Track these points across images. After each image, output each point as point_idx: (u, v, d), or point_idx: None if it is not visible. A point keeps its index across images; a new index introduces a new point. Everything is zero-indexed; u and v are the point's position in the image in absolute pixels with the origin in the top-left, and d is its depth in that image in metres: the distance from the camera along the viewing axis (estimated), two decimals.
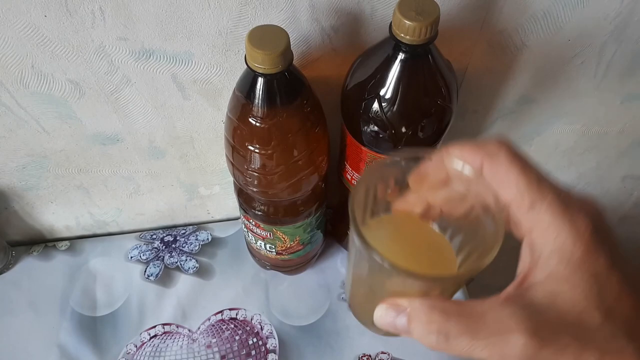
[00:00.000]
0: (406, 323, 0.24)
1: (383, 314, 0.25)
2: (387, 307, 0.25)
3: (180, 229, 0.64)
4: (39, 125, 0.47)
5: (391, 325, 0.25)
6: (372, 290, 0.29)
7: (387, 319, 0.25)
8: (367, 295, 0.31)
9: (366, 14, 0.42)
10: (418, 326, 0.23)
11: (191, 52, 0.42)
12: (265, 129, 0.38)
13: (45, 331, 0.56)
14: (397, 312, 0.24)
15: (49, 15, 0.38)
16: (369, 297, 0.30)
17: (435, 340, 0.22)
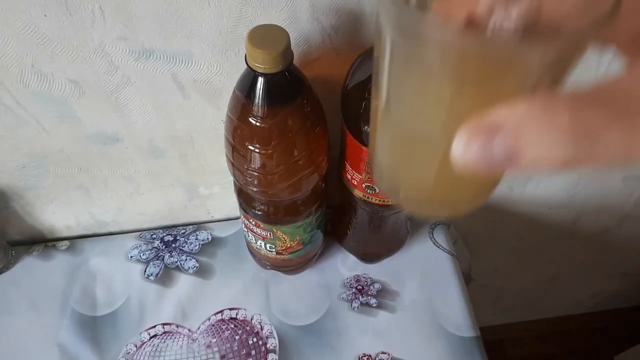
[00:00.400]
0: (511, 141, 0.15)
1: (466, 145, 0.16)
2: (471, 131, 0.16)
3: (180, 229, 0.64)
4: (39, 124, 0.47)
5: (484, 158, 0.16)
6: (420, 123, 0.20)
7: (474, 150, 0.16)
8: (412, 140, 0.21)
9: (366, 13, 0.42)
10: (536, 137, 0.15)
11: (191, 51, 0.42)
12: (265, 128, 0.38)
13: (45, 331, 0.56)
14: (490, 133, 0.16)
15: (48, 14, 0.38)
16: (416, 140, 0.21)
17: (573, 148, 0.15)
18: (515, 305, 1.17)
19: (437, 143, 0.20)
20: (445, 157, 0.18)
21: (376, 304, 0.57)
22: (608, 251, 0.94)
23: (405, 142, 0.22)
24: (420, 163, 0.22)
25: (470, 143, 0.16)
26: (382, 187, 0.26)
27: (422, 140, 0.21)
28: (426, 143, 0.21)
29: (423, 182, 0.23)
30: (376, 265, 0.60)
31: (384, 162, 0.24)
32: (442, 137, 0.19)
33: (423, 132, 0.20)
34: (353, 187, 0.48)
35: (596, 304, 1.24)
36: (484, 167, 0.16)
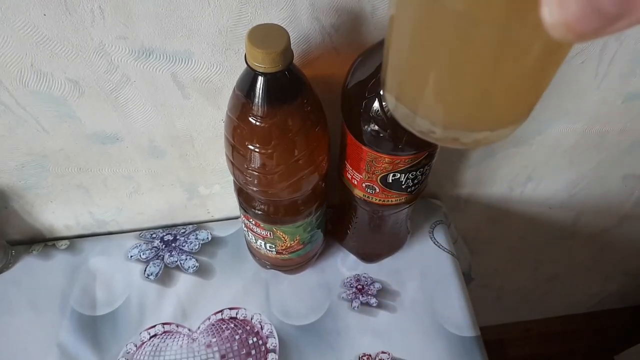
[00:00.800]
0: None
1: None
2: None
3: (180, 228, 0.64)
4: (39, 124, 0.47)
5: (589, 6, 0.12)
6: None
7: (570, 1, 0.12)
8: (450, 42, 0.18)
9: (367, 12, 0.42)
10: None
11: (191, 51, 0.42)
12: (265, 128, 0.38)
13: (45, 330, 0.56)
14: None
15: (48, 14, 0.38)
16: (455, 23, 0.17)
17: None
18: (516, 304, 1.17)
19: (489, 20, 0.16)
20: (504, 40, 0.15)
21: (376, 304, 0.57)
22: (608, 251, 0.94)
23: (438, 28, 0.18)
24: (464, 53, 0.18)
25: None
26: (403, 96, 0.21)
27: (464, 22, 0.17)
28: (472, 23, 0.17)
29: (465, 78, 0.19)
30: (376, 265, 0.60)
31: (405, 61, 0.20)
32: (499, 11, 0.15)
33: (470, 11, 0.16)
34: (353, 187, 0.48)
35: (596, 304, 1.24)
36: (591, 19, 0.12)
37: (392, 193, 0.46)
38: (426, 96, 0.21)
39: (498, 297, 1.11)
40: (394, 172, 0.43)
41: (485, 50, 0.17)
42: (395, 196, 0.46)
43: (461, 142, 0.21)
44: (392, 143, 0.40)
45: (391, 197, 0.46)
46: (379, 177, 0.44)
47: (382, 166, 0.43)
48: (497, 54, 0.17)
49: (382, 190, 0.46)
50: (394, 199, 0.47)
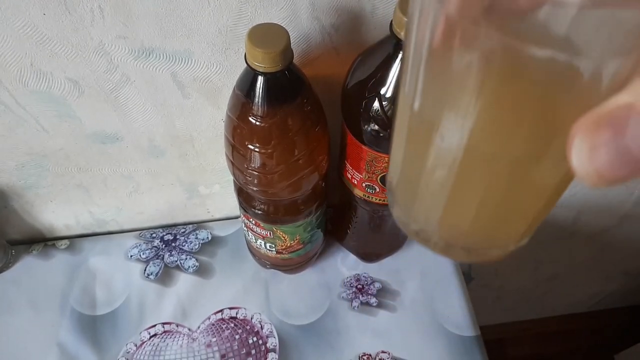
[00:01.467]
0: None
1: (592, 144, 0.12)
2: (592, 125, 0.13)
3: (180, 228, 0.64)
4: (38, 124, 0.47)
5: (620, 155, 0.12)
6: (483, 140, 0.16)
7: (605, 148, 0.12)
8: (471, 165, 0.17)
9: (367, 12, 0.42)
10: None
11: (191, 50, 0.42)
12: (265, 128, 0.38)
13: (45, 330, 0.56)
14: (619, 120, 0.12)
15: (47, 13, 0.37)
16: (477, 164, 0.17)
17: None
18: (515, 304, 1.17)
19: (493, 159, 0.16)
20: (512, 176, 0.15)
21: (376, 304, 0.57)
22: (608, 250, 0.94)
23: (447, 163, 0.17)
24: (472, 190, 0.18)
25: (596, 142, 0.12)
26: (409, 222, 0.21)
27: (475, 157, 0.16)
28: (480, 160, 0.16)
29: (471, 212, 0.19)
30: (376, 265, 0.60)
31: (412, 186, 0.20)
32: (503, 154, 0.15)
33: (481, 149, 0.16)
34: (353, 187, 0.48)
35: (596, 303, 1.24)
36: (624, 169, 0.12)
37: None
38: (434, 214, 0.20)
39: (498, 296, 1.11)
40: None
41: (501, 184, 0.17)
42: None
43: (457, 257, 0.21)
44: None
45: None
46: (379, 176, 0.44)
47: (382, 166, 0.43)
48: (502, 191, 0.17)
49: (382, 190, 0.46)
50: None
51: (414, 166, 0.19)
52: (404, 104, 0.18)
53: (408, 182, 0.20)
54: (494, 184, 0.17)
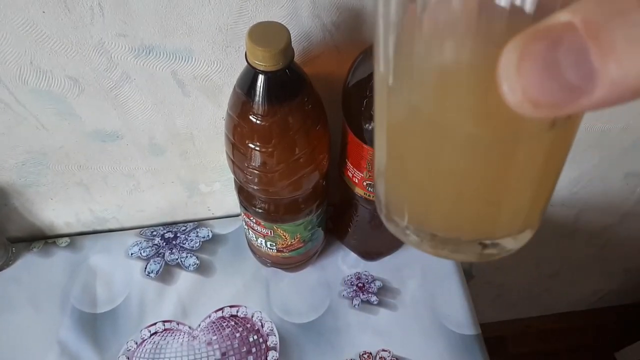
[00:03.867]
0: (587, 43, 0.11)
1: (520, 59, 0.12)
2: (525, 39, 0.12)
3: (180, 226, 0.64)
4: (38, 122, 0.47)
5: (548, 75, 0.11)
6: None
7: (532, 65, 0.12)
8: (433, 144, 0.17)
9: (368, 10, 0.41)
10: (627, 32, 0.10)
11: (191, 48, 0.42)
12: (265, 126, 0.38)
13: (45, 328, 0.56)
14: (553, 37, 0.11)
15: (47, 11, 0.37)
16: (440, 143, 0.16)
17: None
18: (516, 302, 1.17)
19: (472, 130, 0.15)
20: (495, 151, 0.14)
21: (377, 302, 0.57)
22: (609, 248, 0.94)
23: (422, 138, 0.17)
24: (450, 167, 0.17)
25: (527, 51, 0.11)
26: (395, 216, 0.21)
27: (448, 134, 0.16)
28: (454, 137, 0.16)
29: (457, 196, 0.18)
30: (377, 263, 0.60)
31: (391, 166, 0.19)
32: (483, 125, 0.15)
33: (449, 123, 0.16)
34: (354, 185, 0.47)
35: (597, 301, 1.24)
36: (551, 88, 0.11)
37: None
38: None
39: (499, 294, 1.11)
40: None
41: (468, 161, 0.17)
42: None
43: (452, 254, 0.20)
44: None
45: None
46: None
47: None
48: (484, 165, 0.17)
49: None
50: None
51: (396, 154, 0.19)
52: (381, 84, 0.18)
53: (392, 174, 0.20)
54: (477, 167, 0.17)
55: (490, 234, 0.20)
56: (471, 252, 0.20)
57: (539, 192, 0.19)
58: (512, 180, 0.17)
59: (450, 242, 0.20)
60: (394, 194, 0.21)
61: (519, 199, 0.18)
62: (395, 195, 0.20)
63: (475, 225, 0.19)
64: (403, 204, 0.20)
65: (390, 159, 0.19)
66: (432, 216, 0.20)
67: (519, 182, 0.17)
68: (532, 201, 0.19)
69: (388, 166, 0.20)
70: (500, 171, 0.17)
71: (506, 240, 0.20)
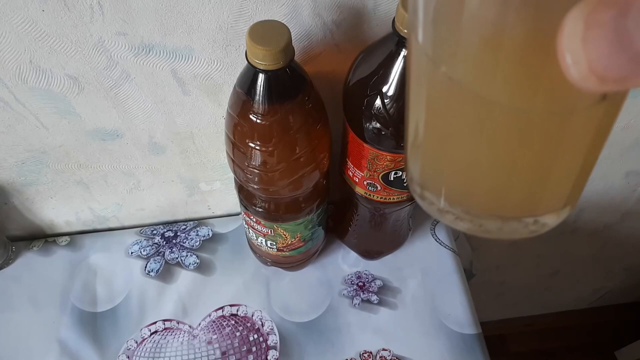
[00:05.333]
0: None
1: (587, 28, 0.11)
2: (590, 6, 0.11)
3: (180, 225, 0.64)
4: (38, 120, 0.47)
5: (617, 45, 0.10)
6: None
7: (599, 34, 0.10)
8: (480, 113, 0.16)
9: (369, 8, 0.41)
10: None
11: (191, 47, 0.42)
12: (266, 125, 0.38)
13: (45, 326, 0.56)
14: (622, 5, 0.10)
15: (46, 9, 0.37)
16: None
17: None
18: (517, 300, 1.17)
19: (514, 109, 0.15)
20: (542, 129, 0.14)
21: (377, 301, 0.57)
22: (610, 247, 0.94)
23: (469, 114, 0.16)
24: (493, 144, 0.17)
25: (593, 20, 0.10)
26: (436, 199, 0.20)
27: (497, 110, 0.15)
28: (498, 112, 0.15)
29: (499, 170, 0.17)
30: (377, 262, 0.60)
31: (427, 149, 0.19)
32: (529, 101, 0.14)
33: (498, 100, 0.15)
34: (355, 185, 0.47)
35: (597, 300, 1.24)
36: (620, 60, 0.10)
37: (393, 191, 0.45)
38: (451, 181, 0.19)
39: (499, 292, 1.10)
40: (396, 170, 0.43)
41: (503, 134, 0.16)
42: (396, 194, 0.46)
43: (488, 230, 0.19)
44: (394, 141, 0.40)
45: (393, 195, 0.46)
46: (380, 174, 0.44)
47: (383, 164, 0.42)
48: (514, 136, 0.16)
49: (383, 188, 0.45)
50: (395, 197, 0.46)
51: (436, 130, 0.18)
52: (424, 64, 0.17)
53: (430, 151, 0.19)
54: (525, 143, 0.16)
55: (534, 211, 0.19)
56: (511, 229, 0.19)
57: (584, 167, 0.18)
58: (559, 155, 0.17)
59: (490, 219, 0.19)
60: (431, 171, 0.20)
61: (565, 175, 0.18)
62: (432, 173, 0.20)
63: (519, 203, 0.19)
64: (441, 182, 0.19)
65: (429, 136, 0.18)
66: (473, 194, 0.19)
67: (566, 158, 0.16)
68: (577, 177, 0.18)
69: (425, 142, 0.19)
70: (548, 146, 0.16)
71: (548, 217, 0.19)
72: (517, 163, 0.17)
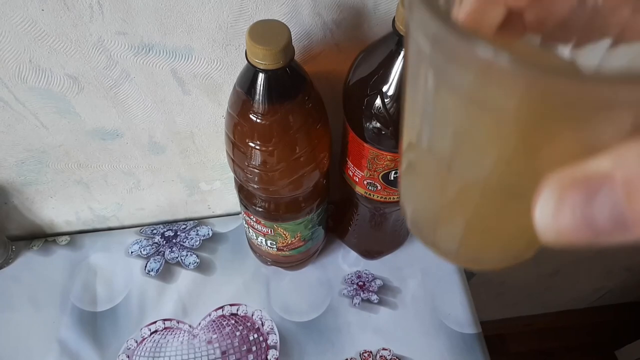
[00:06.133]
0: (623, 199, 0.11)
1: (558, 204, 0.13)
2: (563, 184, 0.13)
3: (180, 224, 0.64)
4: (38, 120, 0.47)
5: (584, 222, 0.12)
6: (478, 163, 0.16)
7: (569, 211, 0.12)
8: (464, 187, 0.17)
9: (369, 8, 0.41)
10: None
11: (191, 46, 0.42)
12: (266, 125, 0.38)
13: (45, 326, 0.56)
14: (591, 187, 0.12)
15: (46, 9, 0.37)
16: (470, 188, 0.16)
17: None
18: (517, 300, 1.17)
19: (499, 194, 0.16)
20: (513, 210, 0.15)
21: (377, 301, 0.57)
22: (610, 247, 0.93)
23: (453, 190, 0.18)
24: (476, 218, 0.18)
25: (563, 202, 0.12)
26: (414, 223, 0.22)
27: (478, 190, 0.16)
28: (483, 194, 0.16)
29: (449, 220, 0.19)
30: (377, 262, 0.60)
31: (420, 208, 0.20)
32: (479, 185, 0.16)
33: (481, 181, 0.16)
34: (355, 184, 0.47)
35: (597, 299, 1.24)
36: (583, 235, 0.12)
37: (393, 190, 0.45)
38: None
39: (499, 292, 1.11)
40: (396, 169, 0.43)
41: (490, 217, 0.18)
42: (397, 194, 0.46)
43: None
44: (394, 140, 0.40)
45: (393, 194, 0.46)
46: (380, 174, 0.44)
47: (384, 164, 0.42)
48: (499, 223, 0.18)
49: (383, 188, 0.45)
50: (395, 197, 0.46)
51: (426, 196, 0.20)
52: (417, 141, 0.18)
53: (424, 210, 0.21)
54: (495, 212, 0.17)
55: (518, 258, 0.20)
56: (493, 264, 0.21)
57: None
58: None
59: (477, 260, 0.22)
60: (424, 218, 0.21)
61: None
62: (424, 218, 0.21)
63: (502, 251, 0.21)
64: (434, 228, 0.21)
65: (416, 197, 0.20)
66: (455, 250, 0.21)
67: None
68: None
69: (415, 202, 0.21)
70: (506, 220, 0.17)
71: (520, 258, 0.21)
72: (497, 224, 0.18)
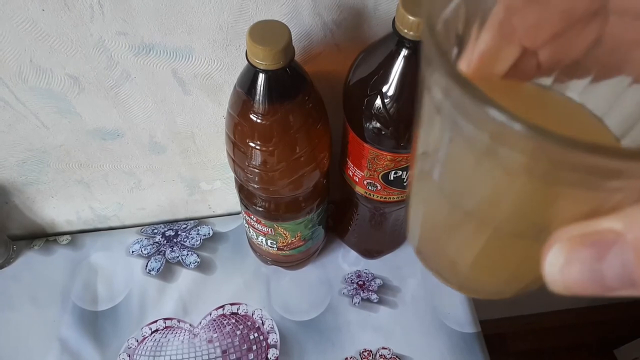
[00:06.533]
0: (633, 259, 0.12)
1: (568, 259, 0.13)
2: (574, 241, 0.13)
3: (181, 224, 0.64)
4: (39, 120, 0.47)
5: (592, 278, 0.12)
6: (482, 211, 0.16)
7: (579, 267, 0.12)
8: (473, 228, 0.17)
9: (369, 8, 0.41)
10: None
11: (191, 47, 0.42)
12: (266, 125, 0.38)
13: (46, 325, 0.56)
14: (601, 246, 0.12)
15: (47, 9, 0.37)
16: (479, 229, 0.17)
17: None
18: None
19: (504, 235, 0.16)
20: (518, 255, 0.16)
21: (377, 300, 0.57)
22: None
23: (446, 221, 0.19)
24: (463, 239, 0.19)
25: (573, 257, 0.12)
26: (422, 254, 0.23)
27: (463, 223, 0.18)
28: (489, 236, 0.17)
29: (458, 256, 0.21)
30: (377, 261, 0.60)
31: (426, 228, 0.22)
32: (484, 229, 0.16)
33: (465, 220, 0.17)
34: (355, 184, 0.47)
35: (597, 298, 1.24)
36: (591, 289, 0.13)
37: (393, 190, 0.46)
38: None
39: None
40: (396, 169, 0.43)
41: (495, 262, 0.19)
42: (396, 194, 0.46)
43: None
44: (394, 141, 0.40)
45: (393, 194, 0.46)
46: (380, 174, 0.44)
47: (383, 164, 0.42)
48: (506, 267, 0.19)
49: (383, 188, 0.45)
50: (395, 197, 0.46)
51: (433, 229, 0.21)
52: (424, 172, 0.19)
53: (430, 240, 0.23)
54: (513, 255, 0.18)
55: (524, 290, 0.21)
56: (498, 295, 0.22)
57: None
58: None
59: (481, 291, 0.23)
60: (430, 248, 0.23)
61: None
62: (430, 248, 0.23)
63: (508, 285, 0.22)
64: (439, 260, 0.23)
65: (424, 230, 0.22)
66: (468, 279, 0.22)
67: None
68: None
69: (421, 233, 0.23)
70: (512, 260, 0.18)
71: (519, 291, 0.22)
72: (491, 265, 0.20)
